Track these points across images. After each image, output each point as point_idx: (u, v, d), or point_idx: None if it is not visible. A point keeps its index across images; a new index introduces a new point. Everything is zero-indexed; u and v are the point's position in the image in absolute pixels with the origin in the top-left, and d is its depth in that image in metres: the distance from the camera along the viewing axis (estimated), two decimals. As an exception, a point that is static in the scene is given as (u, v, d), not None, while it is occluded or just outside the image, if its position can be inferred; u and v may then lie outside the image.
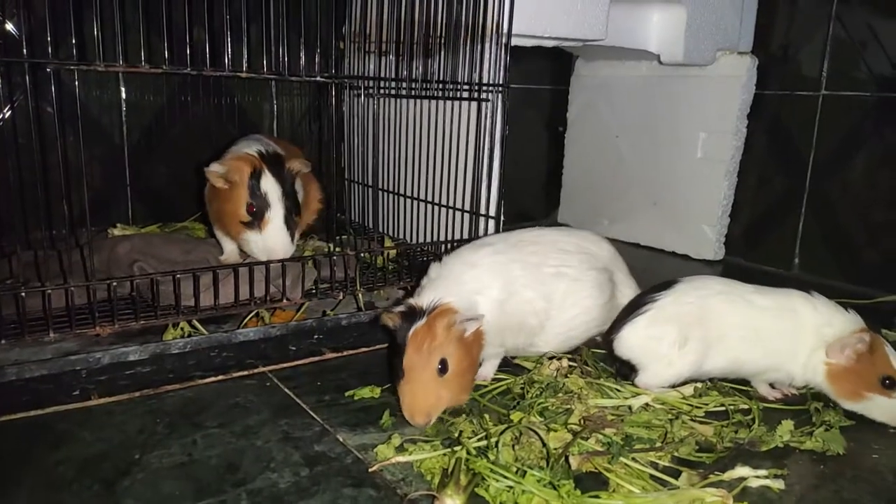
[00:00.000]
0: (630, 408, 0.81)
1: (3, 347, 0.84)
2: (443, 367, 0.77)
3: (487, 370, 0.91)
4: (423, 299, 0.81)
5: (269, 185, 1.05)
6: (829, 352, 0.85)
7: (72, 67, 0.76)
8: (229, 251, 1.16)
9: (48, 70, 0.75)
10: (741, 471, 0.69)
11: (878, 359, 0.83)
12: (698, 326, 0.87)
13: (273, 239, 1.05)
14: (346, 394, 0.86)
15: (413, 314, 0.80)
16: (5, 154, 1.16)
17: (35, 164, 1.01)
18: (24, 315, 0.80)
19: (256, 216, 1.05)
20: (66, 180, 0.80)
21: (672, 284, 0.91)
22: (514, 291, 0.87)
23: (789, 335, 0.87)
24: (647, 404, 0.82)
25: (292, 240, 1.08)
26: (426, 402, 0.77)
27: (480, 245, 0.92)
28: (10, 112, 1.20)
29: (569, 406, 0.78)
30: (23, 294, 0.79)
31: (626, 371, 0.90)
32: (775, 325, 0.88)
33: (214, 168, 1.05)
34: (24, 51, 0.78)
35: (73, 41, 0.77)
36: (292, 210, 1.08)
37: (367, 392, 0.86)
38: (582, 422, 0.75)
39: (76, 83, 1.05)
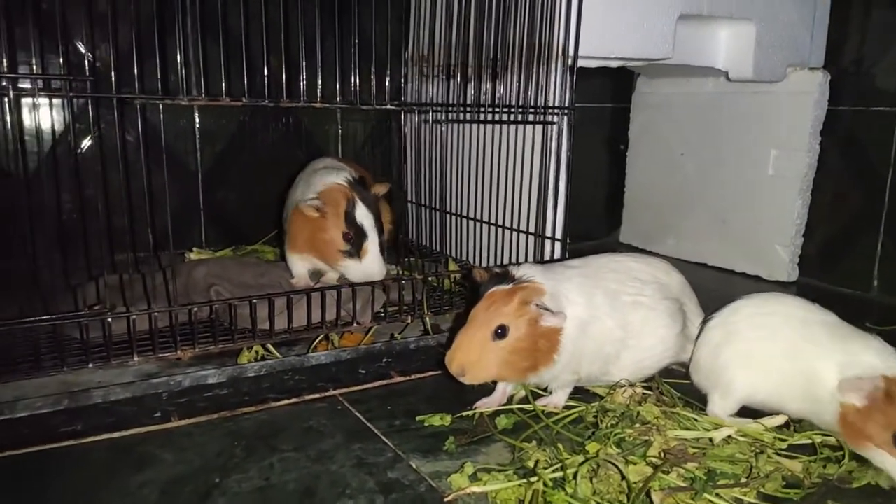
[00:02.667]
0: (711, 440, 0.79)
1: (89, 370, 0.87)
2: (501, 333, 0.78)
3: (560, 398, 0.90)
4: (519, 272, 0.82)
5: (363, 215, 1.09)
6: (841, 387, 0.76)
7: (156, 101, 0.79)
8: (300, 274, 1.17)
9: (136, 104, 0.79)
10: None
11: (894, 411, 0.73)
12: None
13: (371, 267, 1.09)
14: (417, 419, 0.86)
15: (503, 278, 0.81)
16: (88, 182, 1.21)
17: (121, 192, 1.06)
18: (111, 339, 0.83)
19: (354, 245, 1.08)
20: (150, 207, 0.83)
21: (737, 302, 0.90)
22: (596, 317, 0.86)
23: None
24: (729, 437, 0.79)
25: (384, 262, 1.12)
26: (467, 356, 0.78)
27: (566, 266, 0.92)
28: (90, 141, 1.26)
29: (647, 437, 0.76)
30: (109, 319, 0.82)
31: None
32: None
33: (312, 203, 1.07)
34: (113, 85, 0.81)
35: (159, 77, 0.80)
36: (381, 234, 1.12)
37: (438, 420, 0.85)
38: (662, 455, 0.73)
39: (161, 115, 1.09)
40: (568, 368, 0.85)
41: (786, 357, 0.82)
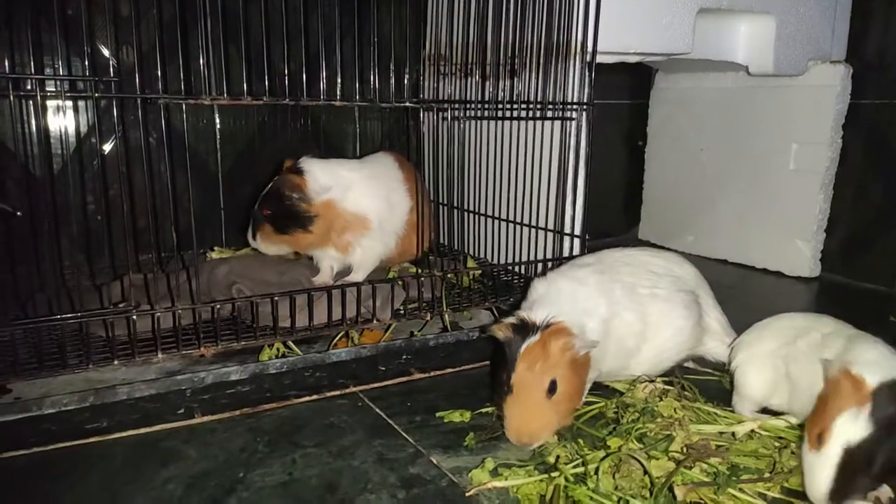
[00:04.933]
0: (734, 435, 0.78)
1: (113, 368, 0.88)
2: (552, 388, 0.76)
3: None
4: (536, 315, 0.80)
5: None
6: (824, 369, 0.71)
7: (180, 101, 0.80)
8: (327, 269, 1.17)
9: (159, 104, 0.80)
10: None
11: (834, 409, 0.65)
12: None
13: None
14: (437, 414, 0.86)
15: (525, 328, 0.78)
16: (112, 183, 1.23)
17: (145, 192, 1.08)
18: (135, 336, 0.84)
19: None
20: (174, 207, 0.84)
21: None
22: (616, 312, 0.86)
23: None
24: (752, 431, 0.79)
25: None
26: (534, 424, 0.76)
27: (581, 265, 0.91)
28: (113, 143, 1.28)
29: (669, 432, 0.76)
30: (134, 317, 0.83)
31: None
32: None
33: None
34: (137, 86, 0.82)
35: (182, 77, 0.81)
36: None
37: (458, 416, 0.85)
38: (685, 449, 0.73)
39: (184, 115, 1.10)
40: (594, 368, 0.84)
41: (799, 368, 0.80)
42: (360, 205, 1.12)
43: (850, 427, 0.63)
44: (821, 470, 0.64)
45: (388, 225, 1.17)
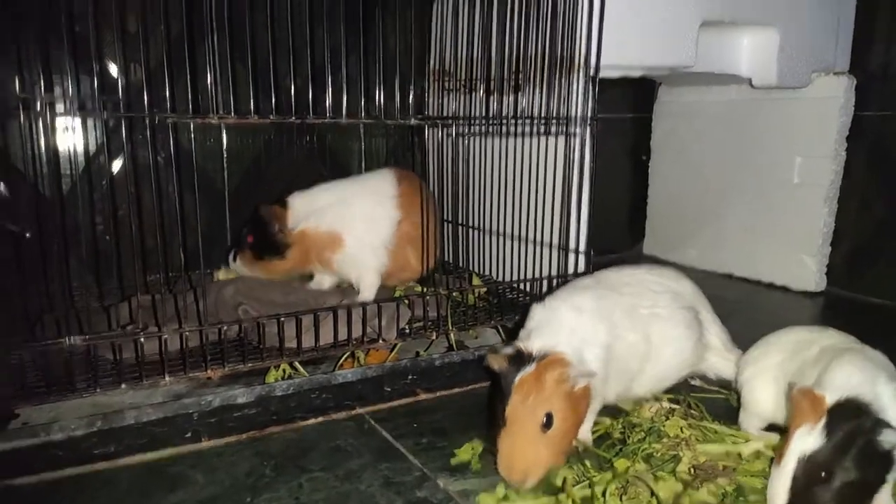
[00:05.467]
0: (741, 455, 0.78)
1: (121, 391, 0.89)
2: (548, 422, 0.73)
3: (585, 430, 0.85)
4: (532, 344, 0.77)
5: None
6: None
7: (188, 120, 0.81)
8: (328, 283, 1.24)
9: (167, 123, 0.80)
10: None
11: (793, 424, 0.66)
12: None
13: None
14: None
15: (521, 359, 0.76)
16: (120, 203, 1.23)
17: (152, 212, 1.08)
18: (143, 359, 0.85)
19: None
20: (182, 227, 0.85)
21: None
22: (618, 335, 0.85)
23: None
24: (758, 451, 0.78)
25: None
26: (525, 460, 0.72)
27: (581, 288, 0.90)
28: (121, 162, 1.29)
29: (676, 453, 0.76)
30: (142, 340, 0.83)
31: None
32: None
33: None
34: (146, 104, 0.83)
35: (189, 95, 0.82)
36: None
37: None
38: (692, 470, 0.72)
39: (192, 136, 1.11)
40: (596, 398, 0.83)
41: (795, 378, 0.80)
42: (334, 226, 1.19)
43: (804, 441, 0.64)
44: (778, 483, 0.64)
45: (370, 238, 1.20)
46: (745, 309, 1.45)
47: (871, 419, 0.64)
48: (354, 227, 1.19)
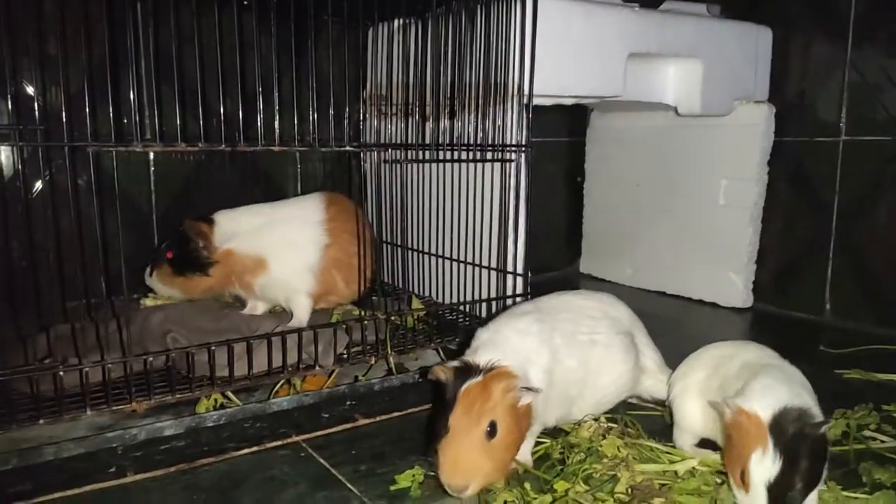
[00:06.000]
0: (676, 473, 0.79)
1: (39, 426, 0.84)
2: (492, 431, 0.73)
3: (526, 450, 0.85)
4: (479, 358, 0.78)
5: None
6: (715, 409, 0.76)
7: (110, 149, 0.78)
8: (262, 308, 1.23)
9: (87, 151, 0.77)
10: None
11: (741, 449, 0.70)
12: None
13: None
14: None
15: (468, 371, 0.76)
16: (38, 228, 1.17)
17: (70, 237, 1.03)
18: (62, 393, 0.80)
19: None
20: (103, 253, 0.81)
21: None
22: (558, 360, 0.85)
23: None
24: (693, 468, 0.80)
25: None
26: (468, 466, 0.72)
27: (521, 313, 0.90)
28: (41, 186, 1.23)
29: (614, 473, 0.76)
30: (61, 373, 0.79)
31: None
32: None
33: None
34: (65, 133, 0.80)
35: (112, 123, 0.79)
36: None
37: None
38: (629, 491, 0.73)
39: (114, 161, 1.07)
40: (537, 421, 0.83)
41: (716, 395, 0.82)
42: (258, 249, 1.19)
43: (763, 466, 0.68)
44: None
45: (294, 263, 1.20)
46: (678, 326, 1.49)
47: (807, 419, 0.69)
48: (278, 251, 1.19)
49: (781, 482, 0.67)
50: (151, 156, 1.37)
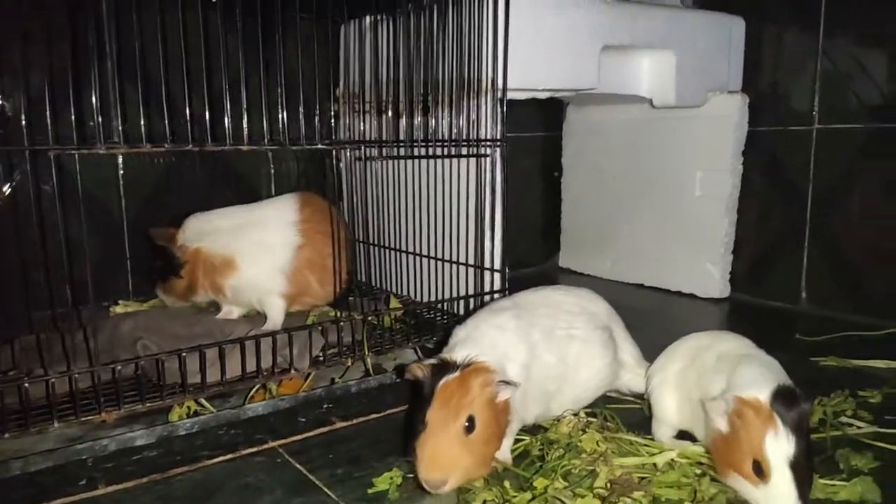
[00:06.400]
0: (655, 465, 0.79)
1: (4, 441, 0.81)
2: (470, 426, 0.73)
3: (505, 448, 0.84)
4: (457, 355, 0.78)
5: None
6: (708, 410, 0.74)
7: (72, 151, 0.76)
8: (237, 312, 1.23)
9: (49, 155, 0.75)
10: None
11: (751, 436, 0.69)
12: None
13: None
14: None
15: (445, 368, 0.76)
16: (3, 235, 1.15)
17: (35, 244, 1.01)
18: (28, 405, 0.78)
19: None
20: (68, 260, 0.79)
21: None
22: (536, 356, 0.85)
23: None
24: (672, 460, 0.79)
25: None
26: (446, 461, 0.72)
27: (499, 310, 0.90)
28: (7, 192, 1.20)
29: (593, 468, 0.76)
30: (26, 385, 0.76)
31: None
32: None
33: None
34: (25, 136, 0.77)
35: (74, 126, 0.76)
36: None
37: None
38: (609, 485, 0.73)
39: (76, 165, 1.04)
40: (516, 418, 0.82)
41: (694, 386, 0.83)
42: (228, 249, 1.18)
43: (780, 445, 0.67)
44: (787, 495, 0.67)
45: (264, 264, 1.19)
46: (656, 318, 1.49)
47: (798, 395, 0.71)
48: (249, 252, 1.18)
49: (800, 457, 0.67)
50: (120, 160, 1.34)
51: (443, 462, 0.72)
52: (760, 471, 0.68)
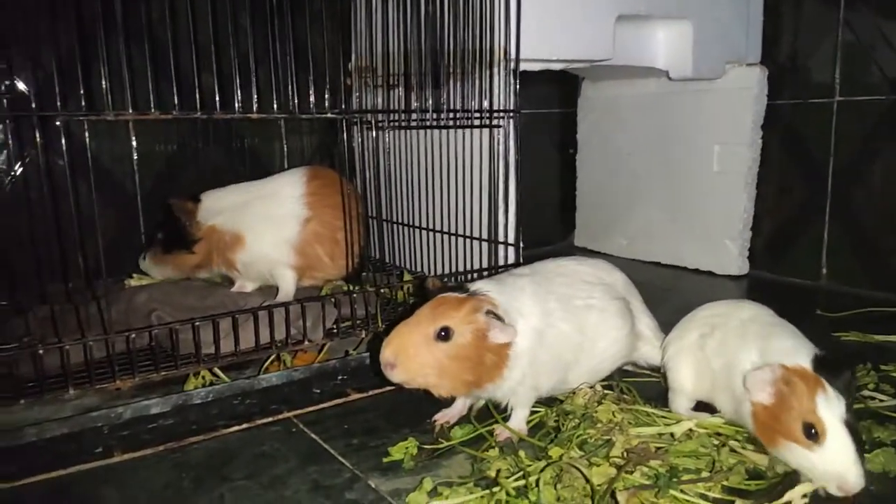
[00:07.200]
0: (673, 435, 0.78)
1: (22, 407, 0.82)
2: (444, 335, 0.75)
3: (519, 418, 0.84)
4: (474, 286, 0.80)
5: None
6: (747, 384, 0.72)
7: (81, 118, 0.75)
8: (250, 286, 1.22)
9: (57, 123, 0.74)
10: (799, 489, 0.67)
11: (801, 401, 0.69)
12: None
13: None
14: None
15: (457, 289, 0.79)
16: (19, 209, 1.15)
17: (49, 218, 1.01)
18: (43, 373, 0.78)
19: None
20: (80, 233, 0.79)
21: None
22: (551, 324, 0.84)
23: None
24: (690, 430, 0.78)
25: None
26: (404, 348, 0.74)
27: (518, 275, 0.90)
28: (21, 168, 1.20)
29: (609, 437, 0.75)
30: (40, 352, 0.77)
31: None
32: None
33: None
34: (34, 105, 0.77)
35: (82, 92, 0.76)
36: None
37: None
38: (625, 454, 0.72)
39: (86, 135, 1.04)
40: (525, 384, 0.82)
41: (715, 354, 0.82)
42: (236, 226, 1.20)
43: (832, 405, 0.67)
44: (846, 456, 0.66)
45: (271, 236, 1.19)
46: (674, 295, 1.47)
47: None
48: (255, 226, 1.19)
49: (852, 416, 0.68)
50: (134, 135, 1.34)
51: (398, 344, 0.75)
52: (814, 433, 0.67)
